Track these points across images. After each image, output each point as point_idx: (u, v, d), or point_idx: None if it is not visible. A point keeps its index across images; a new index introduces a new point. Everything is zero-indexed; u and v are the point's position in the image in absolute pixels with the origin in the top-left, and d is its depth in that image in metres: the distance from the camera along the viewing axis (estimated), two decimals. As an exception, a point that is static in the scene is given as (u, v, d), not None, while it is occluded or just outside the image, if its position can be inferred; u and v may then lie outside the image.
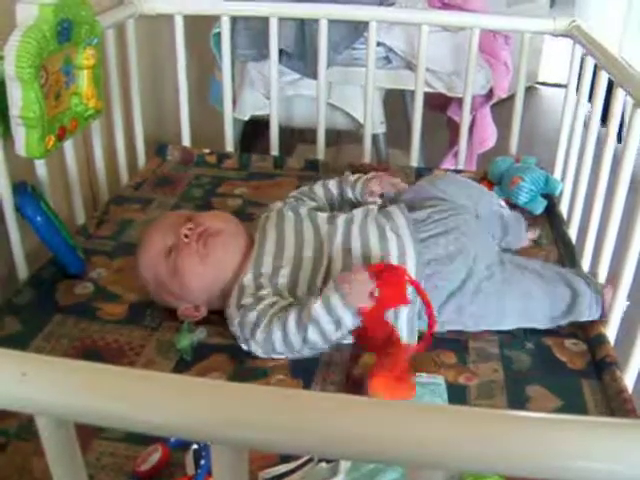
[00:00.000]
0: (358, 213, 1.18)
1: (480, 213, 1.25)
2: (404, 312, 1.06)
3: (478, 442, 0.42)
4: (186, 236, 1.09)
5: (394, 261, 1.09)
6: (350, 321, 0.99)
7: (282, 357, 1.05)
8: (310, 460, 0.84)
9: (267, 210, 1.24)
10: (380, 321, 0.99)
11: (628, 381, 1.07)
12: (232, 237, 1.13)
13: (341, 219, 1.17)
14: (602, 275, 1.25)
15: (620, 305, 1.15)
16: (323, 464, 0.83)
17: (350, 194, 1.29)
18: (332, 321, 0.99)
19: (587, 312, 1.13)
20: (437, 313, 1.08)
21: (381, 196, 1.28)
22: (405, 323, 1.06)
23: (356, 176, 1.31)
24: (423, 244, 1.12)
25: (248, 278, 1.08)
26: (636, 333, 1.07)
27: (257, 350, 1.05)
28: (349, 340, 1.05)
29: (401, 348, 0.97)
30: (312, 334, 1.00)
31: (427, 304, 1.04)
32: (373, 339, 0.98)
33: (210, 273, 1.10)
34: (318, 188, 1.31)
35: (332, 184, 1.31)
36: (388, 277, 1.00)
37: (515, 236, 1.33)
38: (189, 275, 1.09)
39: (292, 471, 0.84)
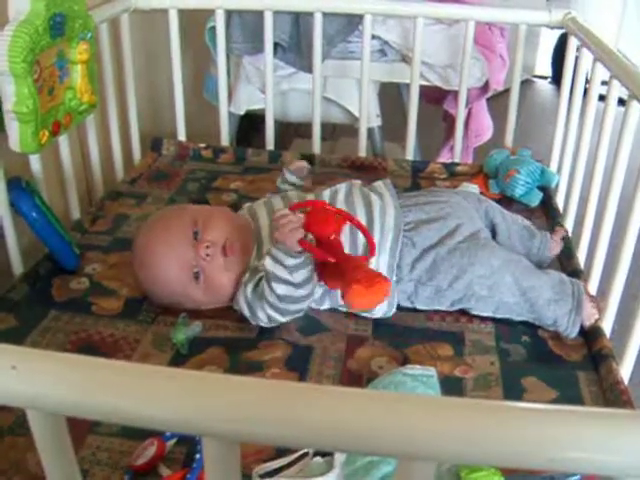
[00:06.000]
0: (342, 186, 1.23)
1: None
2: (384, 261, 1.13)
3: (471, 433, 0.41)
4: (207, 255, 1.09)
5: (376, 219, 1.14)
6: (292, 261, 1.03)
7: (284, 319, 1.09)
8: (305, 454, 0.84)
9: (244, 208, 1.27)
10: (328, 247, 1.05)
11: (624, 373, 1.07)
12: (246, 232, 1.16)
13: (327, 191, 1.22)
14: (598, 268, 1.25)
15: (615, 297, 1.15)
16: (318, 458, 0.83)
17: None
18: (282, 268, 1.03)
19: (567, 317, 1.10)
20: (410, 268, 1.13)
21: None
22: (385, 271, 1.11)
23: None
24: (406, 209, 1.19)
25: (253, 256, 1.14)
26: (632, 325, 1.07)
27: (263, 324, 1.10)
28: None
29: (356, 260, 1.04)
30: (278, 288, 1.04)
31: (361, 227, 1.10)
32: (331, 270, 1.04)
33: (240, 273, 1.12)
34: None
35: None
36: (313, 212, 1.08)
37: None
38: (224, 286, 1.12)
39: (287, 466, 0.84)
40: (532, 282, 1.11)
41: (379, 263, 1.13)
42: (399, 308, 1.14)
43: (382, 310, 1.12)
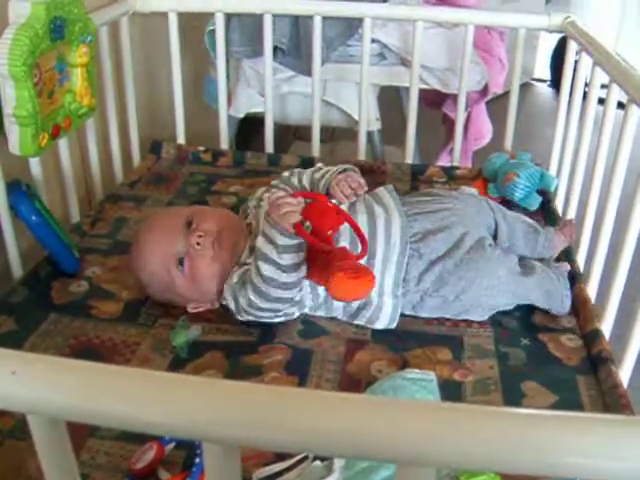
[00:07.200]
0: None
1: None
2: (390, 276, 1.13)
3: (471, 439, 0.42)
4: (198, 244, 1.10)
5: (380, 233, 1.14)
6: (284, 240, 1.01)
7: (270, 315, 1.10)
8: (305, 458, 0.84)
9: (251, 199, 1.28)
10: (322, 240, 1.03)
11: (623, 376, 1.07)
12: (240, 234, 1.16)
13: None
14: (597, 271, 1.25)
15: (615, 300, 1.15)
16: (317, 462, 0.83)
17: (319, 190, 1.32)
18: (272, 247, 1.02)
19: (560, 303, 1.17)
20: (418, 281, 1.13)
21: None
22: (391, 287, 1.13)
23: (321, 172, 1.30)
24: (412, 218, 1.17)
25: (245, 254, 1.13)
26: (631, 328, 1.07)
27: (248, 316, 1.09)
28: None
29: (346, 252, 1.02)
30: (265, 268, 1.03)
31: (355, 227, 1.09)
32: (320, 263, 1.02)
33: (226, 273, 1.11)
34: (294, 179, 1.31)
35: (305, 180, 1.32)
36: (315, 203, 1.06)
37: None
38: (208, 281, 1.12)
39: (287, 469, 0.84)
40: (529, 283, 1.15)
41: (384, 279, 1.12)
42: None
43: (383, 323, 1.12)
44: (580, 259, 1.34)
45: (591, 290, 1.25)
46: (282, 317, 1.11)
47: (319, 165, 1.34)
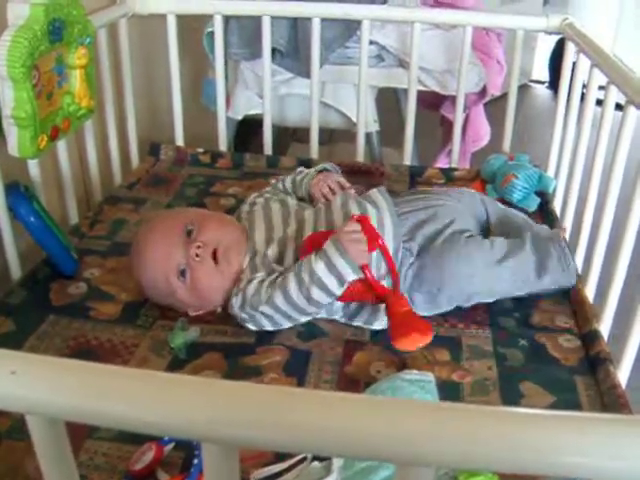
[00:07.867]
0: (337, 198, 1.23)
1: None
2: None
3: (470, 439, 0.42)
4: (197, 255, 1.10)
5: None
6: (351, 277, 1.04)
7: (288, 323, 1.11)
8: (304, 459, 0.84)
9: (245, 204, 1.29)
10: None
11: (621, 377, 1.07)
12: (239, 241, 1.15)
13: (322, 204, 1.24)
14: (595, 272, 1.25)
15: (613, 300, 1.15)
16: (316, 463, 0.83)
17: (300, 194, 1.33)
18: (334, 278, 1.04)
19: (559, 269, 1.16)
20: (404, 278, 1.14)
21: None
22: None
23: (302, 175, 1.33)
24: (403, 217, 1.19)
25: (245, 261, 1.13)
26: (630, 328, 1.08)
27: (264, 323, 1.09)
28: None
29: (402, 300, 1.08)
30: (316, 293, 1.04)
31: (387, 256, 1.11)
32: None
33: (228, 281, 1.11)
34: (279, 185, 1.35)
35: (287, 183, 1.35)
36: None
37: None
38: (210, 290, 1.12)
39: (286, 470, 0.84)
40: (516, 261, 1.15)
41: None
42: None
43: (382, 324, 1.12)
44: (578, 260, 1.34)
45: (589, 291, 1.25)
46: (292, 322, 1.11)
47: (300, 169, 1.37)
